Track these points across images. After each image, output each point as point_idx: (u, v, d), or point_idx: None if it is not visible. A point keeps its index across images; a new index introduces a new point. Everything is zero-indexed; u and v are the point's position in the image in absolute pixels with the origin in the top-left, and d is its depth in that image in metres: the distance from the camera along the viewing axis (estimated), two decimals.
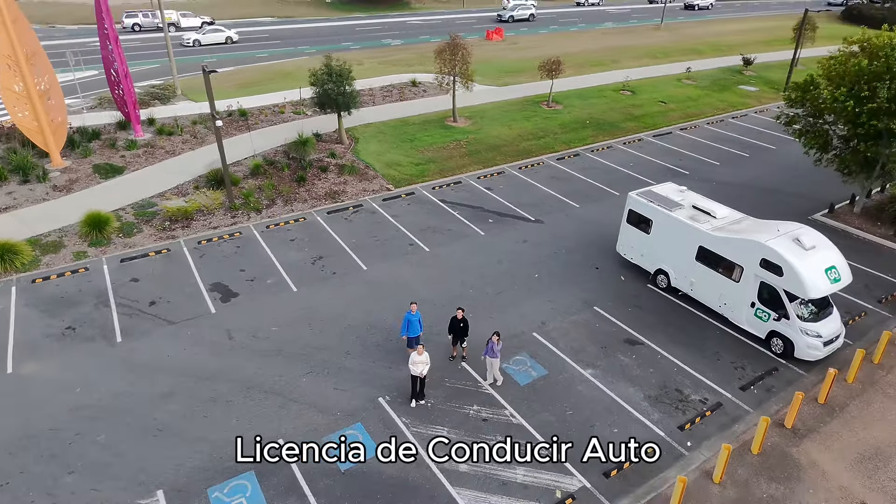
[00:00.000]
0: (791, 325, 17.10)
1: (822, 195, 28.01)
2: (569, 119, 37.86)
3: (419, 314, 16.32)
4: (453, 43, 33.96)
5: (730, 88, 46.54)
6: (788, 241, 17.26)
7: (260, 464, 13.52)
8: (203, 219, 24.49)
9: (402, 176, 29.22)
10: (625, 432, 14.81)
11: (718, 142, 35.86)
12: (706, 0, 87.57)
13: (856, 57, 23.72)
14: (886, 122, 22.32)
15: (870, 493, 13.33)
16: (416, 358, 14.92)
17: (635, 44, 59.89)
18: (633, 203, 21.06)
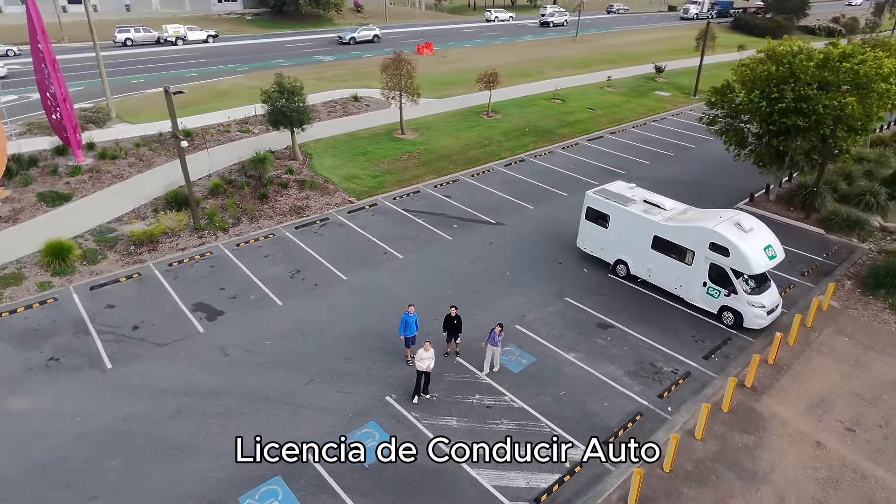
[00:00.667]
0: (739, 299, 19.50)
1: (741, 186, 31.43)
2: (509, 127, 39.98)
3: (416, 315, 17.26)
4: (398, 58, 35.13)
5: (647, 94, 50.63)
6: (731, 225, 19.71)
7: (286, 466, 14.00)
8: (169, 241, 24.18)
9: (361, 188, 29.96)
10: (614, 405, 16.44)
11: (644, 143, 39.13)
12: (560, 18, 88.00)
13: (764, 64, 27.11)
14: (794, 120, 25.66)
15: (822, 434, 15.65)
16: (422, 354, 15.86)
17: (555, 55, 63.57)
18: (591, 201, 23.03)
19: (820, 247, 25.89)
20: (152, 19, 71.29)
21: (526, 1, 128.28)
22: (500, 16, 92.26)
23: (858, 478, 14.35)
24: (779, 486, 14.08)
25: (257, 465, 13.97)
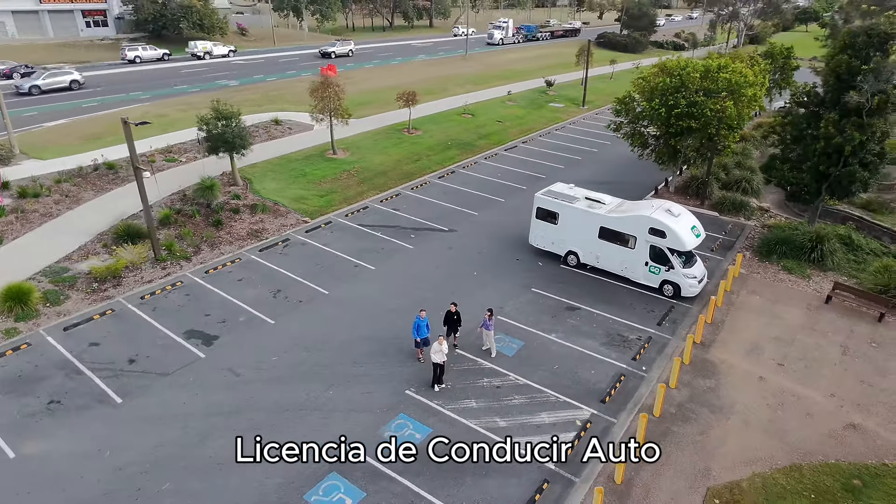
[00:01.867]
0: (676, 273, 23.20)
1: (644, 181, 36.26)
2: (432, 142, 42.38)
3: (427, 319, 18.86)
4: (325, 82, 36.25)
5: (544, 106, 55.56)
6: (664, 212, 23.44)
7: (336, 463, 15.02)
8: (132, 275, 23.60)
9: (312, 208, 30.72)
10: (600, 371, 19.13)
11: (554, 150, 43.33)
12: (344, 48, 76.39)
13: (658, 76, 31.86)
14: (687, 122, 30.47)
15: (762, 370, 19.41)
16: (436, 347, 17.53)
17: (451, 73, 67.30)
18: (540, 202, 25.93)
19: (718, 227, 30.83)
20: (8, 47, 65.36)
21: (404, 22, 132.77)
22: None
23: (796, 399, 18.14)
24: (742, 414, 17.47)
25: (309, 466, 14.89)
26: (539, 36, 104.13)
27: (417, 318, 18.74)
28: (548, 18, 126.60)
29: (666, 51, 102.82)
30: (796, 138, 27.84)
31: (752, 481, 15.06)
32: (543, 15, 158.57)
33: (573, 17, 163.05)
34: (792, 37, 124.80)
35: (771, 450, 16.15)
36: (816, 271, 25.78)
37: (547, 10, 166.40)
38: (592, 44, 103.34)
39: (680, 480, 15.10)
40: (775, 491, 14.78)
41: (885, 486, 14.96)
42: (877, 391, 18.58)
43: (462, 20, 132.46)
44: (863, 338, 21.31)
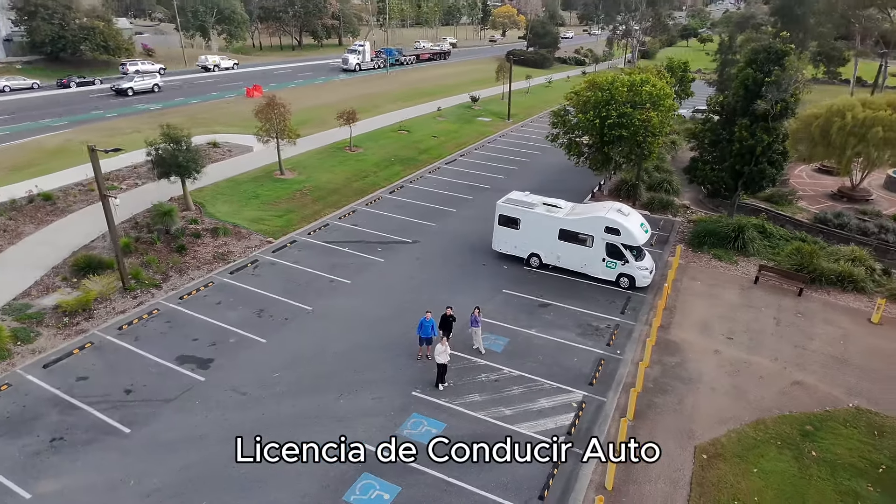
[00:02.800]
0: (630, 267, 25.79)
1: (579, 186, 39.27)
2: (376, 159, 43.38)
3: (433, 320, 20.02)
4: (271, 103, 36.38)
5: (472, 121, 58.12)
6: (616, 212, 26.03)
7: (366, 463, 15.80)
8: (102, 306, 22.85)
9: (272, 228, 30.81)
10: (581, 358, 21.06)
11: (491, 161, 45.72)
12: (146, 84, 61.32)
13: (590, 91, 34.95)
14: (619, 131, 33.66)
15: (716, 345, 22.19)
16: (440, 349, 18.73)
17: (376, 91, 68.58)
18: (502, 209, 27.78)
19: (652, 224, 33.82)
20: None
21: (314, 41, 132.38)
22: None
23: (748, 365, 20.98)
24: (708, 383, 19.99)
25: (341, 469, 15.58)
26: (403, 60, 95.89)
27: (423, 318, 19.90)
28: (418, 39, 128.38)
29: (570, 66, 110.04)
30: (713, 142, 31.69)
31: (728, 437, 17.47)
32: (449, 33, 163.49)
33: (480, 35, 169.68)
34: (676, 51, 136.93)
35: (737, 409, 18.70)
36: (741, 257, 29.45)
37: (452, 29, 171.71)
38: (498, 60, 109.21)
39: (670, 442, 17.21)
40: (748, 442, 17.25)
41: (831, 428, 17.86)
42: (809, 353, 21.86)
43: (371, 38, 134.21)
44: (790, 310, 24.82)
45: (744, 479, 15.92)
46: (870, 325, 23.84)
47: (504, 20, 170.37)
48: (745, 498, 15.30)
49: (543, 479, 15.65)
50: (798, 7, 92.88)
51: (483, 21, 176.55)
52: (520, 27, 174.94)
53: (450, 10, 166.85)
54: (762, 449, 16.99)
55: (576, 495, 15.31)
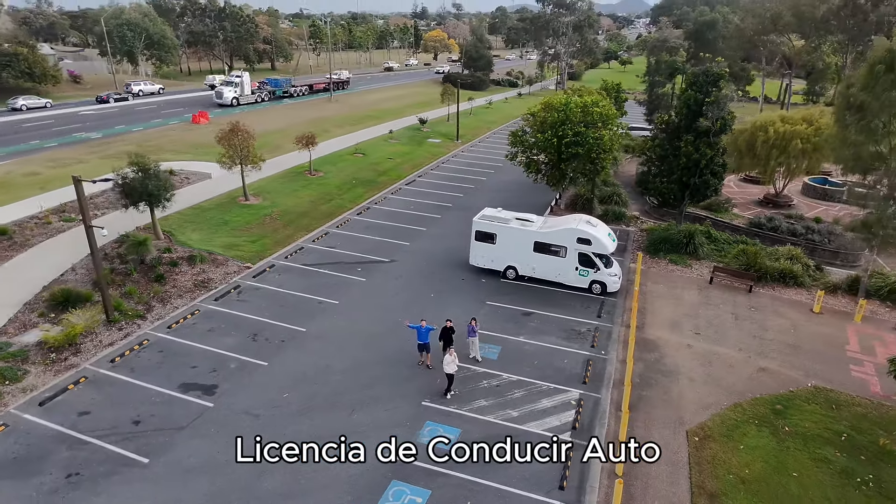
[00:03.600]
0: (601, 274, 27.75)
1: (536, 201, 41.38)
2: (337, 182, 43.90)
3: (429, 328, 20.97)
4: (234, 129, 36.36)
5: (423, 143, 59.65)
6: (586, 223, 28.00)
7: (392, 472, 16.47)
8: (88, 340, 22.27)
9: (248, 254, 30.77)
10: (571, 360, 22.55)
11: (448, 180, 47.26)
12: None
13: (547, 112, 37.21)
14: (575, 149, 36.03)
15: (686, 340, 24.32)
16: (448, 359, 19.67)
17: (325, 115, 68.98)
18: (479, 225, 29.17)
19: None
20: None
21: (245, 65, 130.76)
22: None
23: (717, 357, 23.17)
24: (686, 374, 21.97)
25: (368, 479, 16.19)
26: (293, 91, 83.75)
27: (418, 326, 20.82)
28: (339, 68, 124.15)
29: (504, 88, 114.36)
30: (661, 157, 34.57)
31: (713, 420, 19.36)
32: (381, 57, 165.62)
33: (410, 56, 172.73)
34: (599, 72, 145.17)
35: (716, 396, 20.71)
36: (694, 260, 32.17)
37: (385, 52, 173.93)
38: (438, 82, 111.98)
39: (664, 429, 18.88)
40: (731, 423, 19.20)
41: (797, 406, 20.15)
42: (767, 342, 24.38)
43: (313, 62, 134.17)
44: (744, 305, 27.49)
45: (733, 455, 17.78)
46: (812, 315, 26.82)
47: (435, 44, 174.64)
48: (737, 471, 17.11)
49: (560, 471, 16.86)
50: (709, 32, 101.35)
51: (415, 45, 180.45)
52: (451, 51, 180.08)
53: (382, 34, 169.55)
54: (744, 428, 18.97)
55: (591, 482, 16.61)
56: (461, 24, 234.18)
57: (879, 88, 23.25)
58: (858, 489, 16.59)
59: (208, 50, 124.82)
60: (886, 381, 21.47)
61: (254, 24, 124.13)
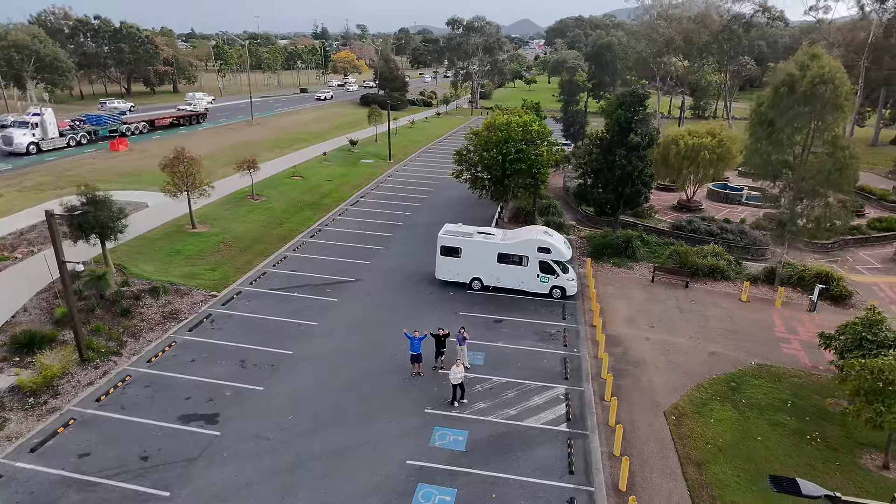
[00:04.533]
0: (560, 279, 30.04)
1: (480, 216, 43.45)
2: (283, 205, 43.69)
3: (422, 337, 22.09)
4: (180, 156, 35.52)
5: (357, 164, 60.32)
6: (544, 234, 30.25)
7: (416, 469, 17.39)
8: (65, 381, 21.25)
9: (211, 283, 30.23)
10: (550, 359, 24.43)
11: (393, 200, 48.34)
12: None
13: (490, 132, 39.50)
14: (519, 166, 38.52)
15: (644, 333, 27.00)
16: (455, 370, 20.77)
17: (250, 139, 67.75)
18: (444, 241, 30.59)
19: None
20: None
21: (145, 88, 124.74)
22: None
23: (673, 345, 25.98)
24: (651, 363, 24.50)
25: (395, 485, 17.02)
26: (126, 129, 65.09)
27: (411, 337, 21.91)
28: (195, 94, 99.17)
29: (421, 108, 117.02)
30: (597, 170, 37.81)
31: (683, 400, 21.88)
32: (290, 79, 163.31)
33: (322, 80, 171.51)
34: (507, 91, 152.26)
35: (680, 380, 23.34)
36: (633, 262, 35.41)
37: (292, 74, 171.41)
38: (356, 104, 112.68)
39: (645, 413, 21.12)
40: (698, 402, 21.80)
41: (747, 381, 23.17)
42: (710, 330, 27.61)
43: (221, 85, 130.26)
44: (685, 300, 30.80)
45: (706, 428, 20.28)
46: (742, 304, 30.58)
47: (345, 65, 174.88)
48: (713, 440, 19.59)
49: (566, 458, 18.53)
50: (607, 53, 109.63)
51: (324, 66, 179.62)
52: (361, 72, 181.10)
53: (290, 55, 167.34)
54: (710, 405, 21.63)
55: (596, 465, 18.39)
56: (367, 46, 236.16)
57: (784, 106, 27.38)
58: (809, 444, 19.56)
59: (101, 72, 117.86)
60: (812, 354, 25.22)
61: (153, 45, 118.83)
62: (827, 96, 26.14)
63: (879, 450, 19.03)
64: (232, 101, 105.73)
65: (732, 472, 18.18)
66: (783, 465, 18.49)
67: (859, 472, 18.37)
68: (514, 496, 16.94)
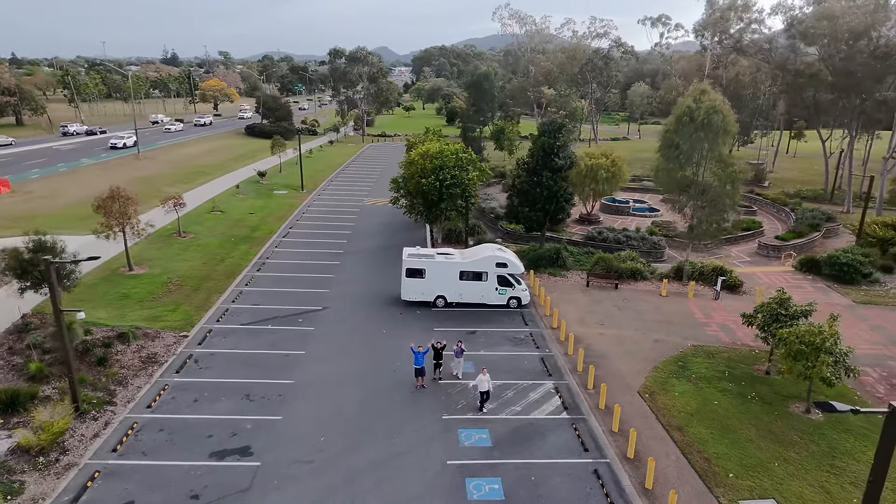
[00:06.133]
0: (516, 290, 33.32)
1: (414, 237, 45.81)
2: (215, 241, 42.70)
3: (426, 351, 23.98)
4: (115, 195, 33.92)
5: (272, 195, 59.76)
6: (498, 251, 33.43)
7: (458, 466, 19.33)
8: (68, 435, 20.20)
9: (176, 324, 29.44)
10: (530, 361, 27.41)
11: (324, 228, 49.00)
12: None
13: (425, 160, 42.12)
14: (454, 190, 41.53)
15: (597, 330, 30.97)
16: (482, 378, 22.94)
17: (144, 175, 64.17)
18: (409, 263, 32.56)
19: None
20: None
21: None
22: None
23: (624, 338, 30.20)
24: (612, 354, 28.42)
25: (445, 482, 18.83)
26: None
27: (416, 352, 23.79)
28: None
29: (309, 137, 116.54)
30: (525, 192, 41.98)
31: (648, 381, 25.91)
32: (156, 109, 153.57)
33: (192, 109, 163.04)
34: (388, 118, 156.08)
35: (640, 365, 27.43)
36: (566, 272, 39.80)
37: (159, 103, 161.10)
38: (242, 134, 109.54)
39: (624, 394, 24.77)
40: (660, 381, 25.94)
41: (690, 360, 27.84)
42: (647, 322, 32.34)
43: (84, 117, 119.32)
44: (618, 299, 35.53)
45: (675, 400, 24.38)
46: (663, 298, 35.97)
47: (215, 94, 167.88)
48: (683, 409, 23.67)
49: (577, 439, 21.49)
50: (485, 82, 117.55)
51: (191, 95, 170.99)
52: (232, 100, 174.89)
53: (155, 83, 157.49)
54: (670, 382, 25.87)
55: (602, 440, 21.53)
56: (231, 73, 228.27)
57: (685, 132, 33.28)
58: (751, 403, 24.34)
59: None
60: (728, 333, 30.78)
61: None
62: (718, 123, 32.35)
63: (801, 400, 24.26)
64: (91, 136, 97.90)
65: (706, 430, 22.30)
66: (739, 419, 22.99)
67: (791, 417, 23.35)
68: (549, 475, 19.52)
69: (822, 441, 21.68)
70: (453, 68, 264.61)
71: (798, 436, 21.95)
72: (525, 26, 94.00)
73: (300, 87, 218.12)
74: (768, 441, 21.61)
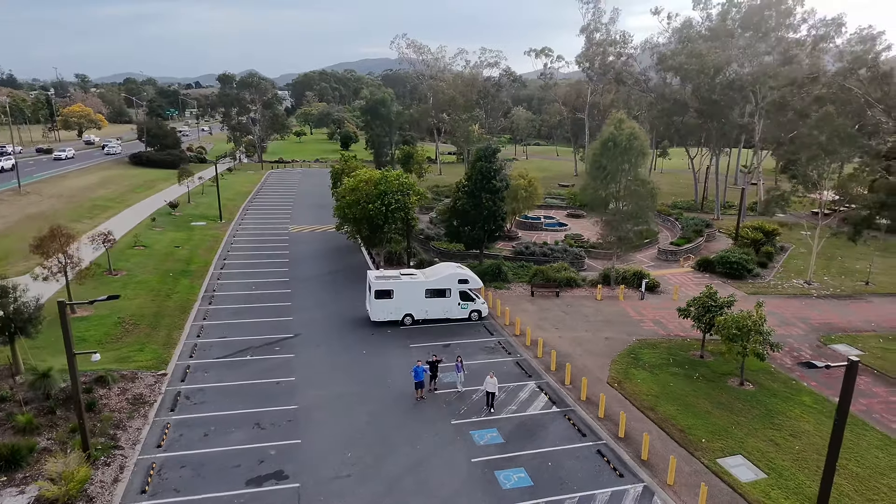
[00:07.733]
0: (476, 304, 35.94)
1: (354, 261, 47.03)
2: (153, 277, 40.83)
3: (424, 367, 25.74)
4: (56, 233, 31.90)
5: (191, 227, 57.46)
6: (458, 268, 35.91)
7: (483, 461, 21.40)
8: (89, 484, 19.42)
9: (150, 363, 28.48)
10: (508, 364, 30.06)
11: (260, 258, 48.41)
12: None
13: (369, 186, 43.59)
14: (399, 214, 43.44)
15: (557, 333, 34.38)
16: (489, 380, 25.04)
17: (38, 211, 58.65)
18: (377, 285, 33.96)
19: None
20: None
21: None
22: None
23: (579, 338, 33.88)
24: (574, 353, 31.86)
25: (478, 476, 20.82)
26: None
27: (416, 366, 25.59)
28: None
29: (200, 164, 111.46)
30: (465, 212, 44.94)
31: (611, 372, 29.63)
32: (5, 137, 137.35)
33: (51, 136, 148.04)
34: (281, 144, 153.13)
35: (601, 360, 31.14)
36: (508, 284, 43.16)
37: (12, 130, 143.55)
38: (127, 164, 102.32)
39: (597, 386, 28.14)
40: (621, 371, 29.75)
41: (639, 352, 32.07)
42: (593, 322, 36.41)
43: None
44: (562, 305, 39.41)
45: (639, 386, 28.23)
46: (599, 302, 40.44)
47: (81, 120, 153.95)
48: (648, 392, 27.54)
49: (572, 427, 24.43)
50: (382, 108, 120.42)
51: (51, 120, 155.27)
52: (100, 127, 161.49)
53: (4, 109, 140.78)
54: (629, 371, 29.77)
55: (594, 426, 24.64)
56: (91, 97, 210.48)
57: (609, 156, 38.22)
58: (698, 382, 28.85)
59: None
60: (661, 327, 35.66)
61: None
62: (637, 147, 37.63)
63: (734, 376, 29.16)
64: None
65: (673, 407, 26.27)
66: (694, 396, 27.27)
67: (730, 390, 28.06)
68: (561, 459, 22.20)
69: (760, 406, 26.50)
70: (335, 93, 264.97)
71: (741, 404, 26.61)
72: (422, 55, 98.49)
73: (171, 112, 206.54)
74: (721, 410, 26.02)
